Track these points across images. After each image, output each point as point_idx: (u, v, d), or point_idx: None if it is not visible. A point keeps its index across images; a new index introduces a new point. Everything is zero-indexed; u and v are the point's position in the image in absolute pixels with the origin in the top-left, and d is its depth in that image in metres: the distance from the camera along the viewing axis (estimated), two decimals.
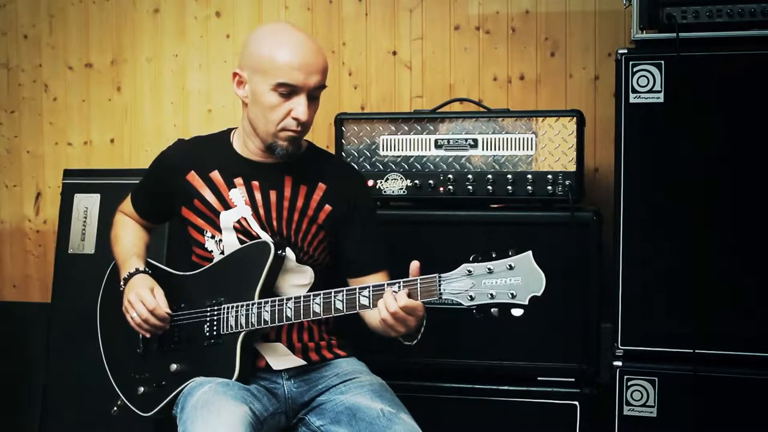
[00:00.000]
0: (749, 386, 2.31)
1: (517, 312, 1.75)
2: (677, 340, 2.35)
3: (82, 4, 3.41)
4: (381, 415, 1.91)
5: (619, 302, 2.39)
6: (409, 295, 1.81)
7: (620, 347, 2.40)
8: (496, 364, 2.48)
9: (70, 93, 3.44)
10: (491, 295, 1.75)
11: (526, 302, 1.73)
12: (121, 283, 2.11)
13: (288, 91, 1.97)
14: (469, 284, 1.76)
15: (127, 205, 2.30)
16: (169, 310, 2.03)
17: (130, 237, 2.24)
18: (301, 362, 2.07)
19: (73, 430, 2.92)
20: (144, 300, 2.02)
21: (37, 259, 3.50)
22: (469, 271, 1.77)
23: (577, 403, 2.41)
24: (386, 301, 1.81)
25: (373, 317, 1.93)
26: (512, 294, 1.73)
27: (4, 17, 3.48)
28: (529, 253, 1.75)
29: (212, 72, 3.32)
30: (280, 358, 2.05)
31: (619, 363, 2.39)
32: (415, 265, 1.85)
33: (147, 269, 2.13)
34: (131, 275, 2.10)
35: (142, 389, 2.08)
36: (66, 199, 3.07)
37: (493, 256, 1.77)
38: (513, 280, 1.74)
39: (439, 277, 1.79)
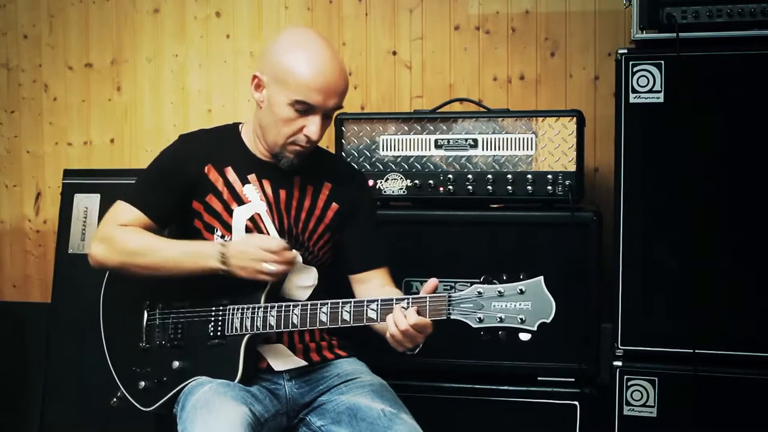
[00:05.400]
0: (749, 386, 2.31)
1: (524, 337, 1.74)
2: (677, 340, 2.35)
3: (82, 4, 3.41)
4: (382, 415, 1.91)
5: (619, 302, 2.39)
6: (418, 313, 1.79)
7: (620, 347, 2.40)
8: (496, 364, 2.48)
9: (70, 93, 3.44)
10: (500, 318, 1.73)
11: (535, 328, 1.72)
12: (221, 267, 1.94)
13: (304, 108, 1.96)
14: (478, 305, 1.75)
15: (124, 214, 2.04)
16: (280, 240, 1.93)
17: (159, 238, 2.02)
18: (302, 363, 2.07)
19: (73, 429, 2.92)
20: (264, 247, 1.90)
21: (37, 259, 3.50)
22: (480, 293, 1.75)
23: (577, 403, 2.41)
24: (396, 319, 1.79)
25: (380, 325, 1.91)
26: (521, 319, 1.72)
27: (4, 17, 3.48)
28: (541, 278, 1.73)
29: (212, 72, 3.32)
30: (282, 359, 2.05)
31: (619, 363, 2.39)
32: (432, 282, 1.83)
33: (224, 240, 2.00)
34: (222, 253, 1.93)
35: (143, 384, 2.07)
36: (66, 199, 3.07)
37: (504, 278, 1.76)
38: (523, 304, 1.72)
39: (449, 297, 1.78)
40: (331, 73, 1.96)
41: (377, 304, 1.85)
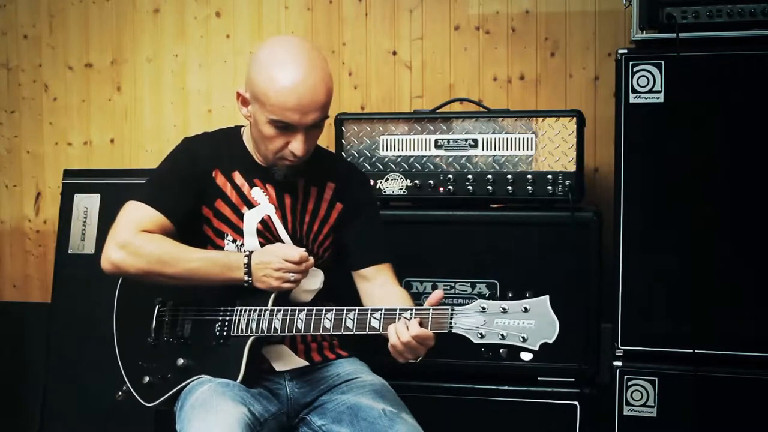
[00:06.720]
0: (749, 386, 2.31)
1: (526, 356, 1.73)
2: (677, 340, 2.35)
3: (82, 4, 3.41)
4: (382, 414, 1.91)
5: (619, 302, 2.39)
6: (420, 324, 1.78)
7: (620, 347, 2.40)
8: (495, 364, 2.48)
9: (70, 93, 3.44)
10: (502, 335, 1.72)
11: (537, 348, 1.70)
12: (245, 278, 1.93)
13: (283, 126, 1.92)
14: (481, 321, 1.73)
15: (141, 216, 1.97)
16: (301, 251, 1.92)
17: (184, 247, 1.96)
18: (303, 363, 2.07)
19: (73, 429, 2.92)
20: (287, 258, 1.90)
21: (37, 259, 3.50)
22: (483, 308, 1.74)
23: (577, 403, 2.41)
24: (398, 330, 1.78)
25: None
26: (523, 337, 1.70)
27: (4, 17, 3.48)
28: (546, 297, 1.71)
29: (212, 72, 3.32)
30: (283, 359, 2.05)
31: (619, 363, 2.39)
32: (437, 295, 1.82)
33: (246, 251, 1.97)
34: (247, 265, 1.92)
35: (147, 379, 2.06)
36: (66, 199, 3.07)
37: (510, 295, 1.74)
38: (526, 323, 1.70)
39: (452, 310, 1.76)
40: (306, 91, 1.89)
41: (381, 314, 1.84)
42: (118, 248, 1.95)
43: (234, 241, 2.04)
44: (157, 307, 2.09)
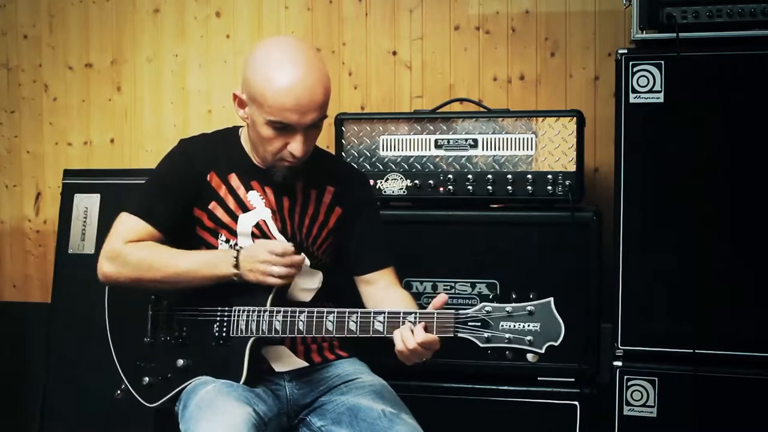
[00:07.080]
0: (749, 386, 2.31)
1: (532, 357, 1.73)
2: (677, 340, 2.35)
3: (82, 4, 3.41)
4: (382, 415, 1.91)
5: (619, 302, 2.39)
6: (425, 329, 1.78)
7: (620, 347, 2.40)
8: (495, 364, 2.48)
9: (70, 93, 3.44)
10: (508, 339, 1.72)
11: (543, 350, 1.71)
12: (233, 272, 1.92)
13: (282, 126, 1.92)
14: (486, 325, 1.74)
15: (130, 227, 2.00)
16: (286, 244, 1.93)
17: (170, 250, 1.97)
18: (303, 364, 2.07)
19: (73, 430, 2.92)
20: (272, 251, 1.90)
21: (37, 259, 3.50)
22: (488, 311, 1.74)
23: (577, 403, 2.41)
24: (404, 337, 1.78)
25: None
26: (529, 340, 1.71)
27: (4, 17, 3.48)
28: (551, 300, 1.72)
29: (212, 72, 3.32)
30: (283, 360, 2.05)
31: (619, 363, 2.39)
32: (441, 298, 1.81)
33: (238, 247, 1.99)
34: (236, 258, 1.92)
35: (147, 379, 2.05)
36: (66, 199, 3.07)
37: (513, 297, 1.74)
38: (531, 325, 1.71)
39: (456, 313, 1.76)
40: (304, 90, 1.88)
41: (384, 317, 1.84)
42: (108, 260, 2.01)
43: (227, 241, 2.04)
44: (150, 305, 2.08)
